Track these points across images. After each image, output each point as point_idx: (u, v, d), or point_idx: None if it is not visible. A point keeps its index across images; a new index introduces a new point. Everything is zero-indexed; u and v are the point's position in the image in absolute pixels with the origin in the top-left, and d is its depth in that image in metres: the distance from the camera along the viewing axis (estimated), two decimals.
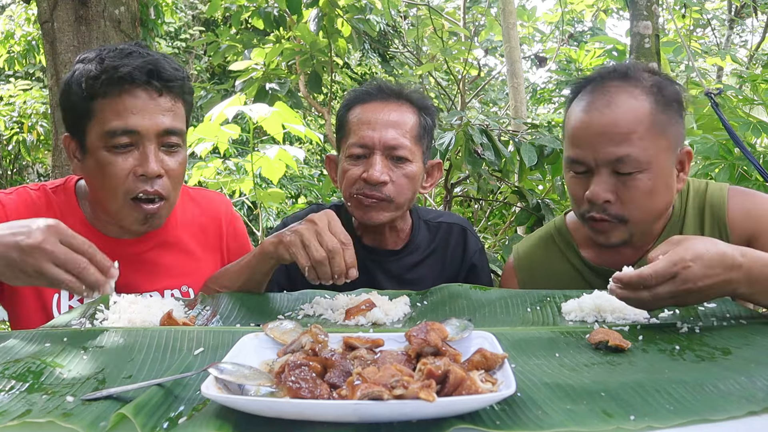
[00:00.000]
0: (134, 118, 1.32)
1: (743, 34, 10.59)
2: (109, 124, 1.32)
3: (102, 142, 1.33)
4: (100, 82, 1.31)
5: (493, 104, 11.47)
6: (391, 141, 1.47)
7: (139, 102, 1.32)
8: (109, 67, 1.31)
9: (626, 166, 1.28)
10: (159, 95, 1.35)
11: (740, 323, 1.07)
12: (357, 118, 1.53)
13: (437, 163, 1.66)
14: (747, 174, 2.59)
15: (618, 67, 1.39)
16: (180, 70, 1.40)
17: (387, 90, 1.57)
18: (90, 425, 0.70)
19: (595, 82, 1.37)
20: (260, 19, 4.27)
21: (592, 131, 1.30)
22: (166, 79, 1.34)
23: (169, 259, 1.53)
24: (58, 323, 1.15)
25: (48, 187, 1.49)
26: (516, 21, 5.11)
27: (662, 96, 1.32)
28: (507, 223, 3.75)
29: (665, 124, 1.31)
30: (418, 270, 1.62)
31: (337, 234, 1.22)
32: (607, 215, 1.32)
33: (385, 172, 1.47)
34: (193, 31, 11.00)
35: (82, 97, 1.33)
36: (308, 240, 1.20)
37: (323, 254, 1.19)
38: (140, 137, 1.33)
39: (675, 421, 0.69)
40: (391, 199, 1.49)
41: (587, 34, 9.97)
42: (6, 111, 6.61)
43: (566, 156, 1.38)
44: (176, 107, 1.38)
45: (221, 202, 1.70)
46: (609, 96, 1.31)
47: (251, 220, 5.32)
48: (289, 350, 0.86)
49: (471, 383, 0.71)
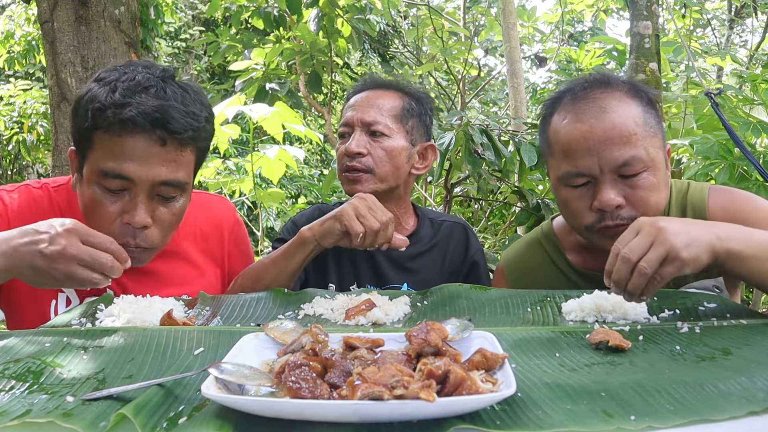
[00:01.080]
0: (130, 165, 1.23)
1: (743, 34, 10.60)
2: (104, 163, 1.24)
3: (95, 177, 1.26)
4: (102, 117, 1.22)
5: (493, 104, 11.47)
6: (367, 118, 1.62)
7: (138, 149, 1.23)
8: (116, 102, 1.21)
9: (632, 168, 1.29)
10: (161, 145, 1.24)
11: (740, 323, 1.06)
12: (347, 105, 1.70)
13: (429, 145, 1.73)
14: (747, 174, 2.59)
15: (594, 76, 1.40)
16: (196, 115, 1.27)
17: (378, 81, 1.73)
18: (90, 425, 0.70)
19: (573, 93, 1.37)
20: (260, 19, 4.28)
21: (594, 139, 1.29)
22: (173, 131, 1.24)
23: (171, 268, 1.50)
24: (58, 323, 1.15)
25: (50, 186, 1.46)
26: (516, 21, 5.11)
27: (643, 97, 1.35)
28: (507, 223, 3.75)
29: (654, 122, 1.34)
30: (420, 260, 1.67)
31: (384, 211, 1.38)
32: (622, 219, 1.30)
33: (362, 145, 1.60)
34: (193, 31, 11.01)
35: (85, 123, 1.25)
36: (363, 211, 1.35)
37: (378, 225, 1.34)
38: (133, 184, 1.25)
39: (675, 421, 0.69)
40: (371, 169, 1.60)
41: (587, 34, 9.97)
42: (6, 111, 6.61)
43: (562, 172, 1.35)
44: (181, 157, 1.28)
45: (224, 208, 1.66)
46: (599, 102, 1.31)
47: (251, 220, 5.32)
48: (290, 350, 0.86)
49: (471, 383, 0.71)
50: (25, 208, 1.40)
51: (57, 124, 3.46)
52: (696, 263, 1.01)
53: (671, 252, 1.00)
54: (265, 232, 3.85)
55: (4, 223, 1.36)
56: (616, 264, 1.04)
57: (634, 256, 1.01)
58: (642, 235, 1.03)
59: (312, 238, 1.39)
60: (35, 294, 1.39)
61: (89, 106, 1.24)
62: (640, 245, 1.02)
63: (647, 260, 1.00)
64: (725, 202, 1.41)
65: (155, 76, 1.27)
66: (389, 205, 1.62)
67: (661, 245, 1.00)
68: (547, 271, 1.53)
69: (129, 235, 1.28)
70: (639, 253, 1.01)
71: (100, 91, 1.24)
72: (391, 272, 1.60)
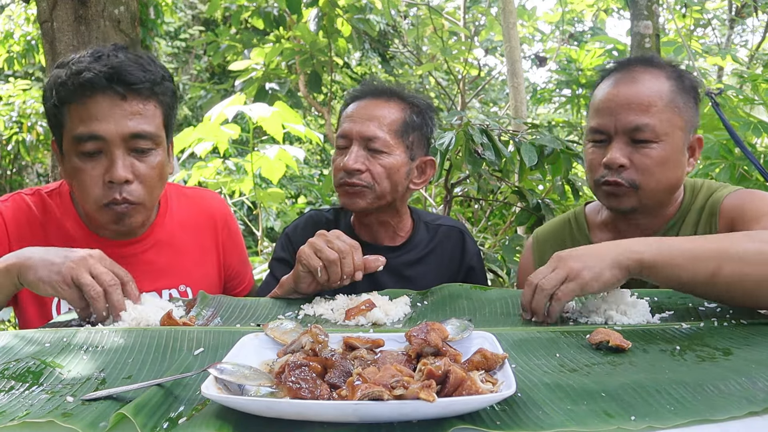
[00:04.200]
0: (98, 124, 1.31)
1: (743, 34, 10.59)
2: (75, 130, 1.32)
3: (72, 147, 1.34)
4: (65, 89, 1.31)
5: (493, 104, 11.46)
6: (366, 132, 1.55)
7: (102, 107, 1.31)
8: (74, 72, 1.31)
9: (643, 134, 1.38)
10: (123, 99, 1.32)
11: (740, 323, 1.07)
12: (345, 114, 1.63)
13: (429, 160, 1.68)
14: (747, 174, 2.59)
15: (644, 55, 1.54)
16: (152, 71, 1.37)
17: (380, 88, 1.65)
18: (90, 425, 0.70)
19: (621, 66, 1.50)
20: (260, 19, 4.28)
21: (616, 102, 1.41)
22: (130, 83, 1.32)
23: (166, 259, 1.53)
24: (58, 323, 1.15)
25: (43, 191, 1.50)
26: (516, 21, 5.11)
27: (681, 82, 1.44)
28: (507, 223, 3.75)
29: (682, 105, 1.42)
30: (417, 267, 1.65)
31: (345, 240, 1.30)
32: (621, 179, 1.40)
33: (360, 161, 1.55)
34: (193, 31, 11.00)
35: (53, 103, 1.34)
36: (320, 245, 1.27)
37: (335, 255, 1.26)
38: (106, 143, 1.32)
39: (675, 422, 0.69)
40: (370, 186, 1.56)
41: (587, 33, 9.95)
42: (5, 111, 6.60)
43: (588, 127, 1.50)
44: (145, 109, 1.35)
45: (216, 200, 1.72)
46: (634, 74, 1.44)
47: (251, 220, 5.31)
48: (290, 350, 0.86)
49: (471, 383, 0.71)
50: (20, 217, 1.44)
51: None
52: (600, 279, 1.08)
53: (570, 273, 1.09)
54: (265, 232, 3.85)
55: (3, 232, 1.42)
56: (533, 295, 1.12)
57: (535, 279, 1.12)
58: (548, 264, 1.14)
59: (291, 289, 1.35)
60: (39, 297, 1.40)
61: (53, 86, 1.34)
62: (543, 271, 1.13)
63: (547, 279, 1.10)
64: (738, 197, 1.43)
65: (112, 48, 1.37)
66: (385, 216, 1.62)
67: (561, 269, 1.10)
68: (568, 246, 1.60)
69: (115, 192, 1.34)
70: (540, 277, 1.11)
71: (59, 71, 1.35)
72: (389, 282, 1.56)
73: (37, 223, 1.45)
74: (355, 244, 1.30)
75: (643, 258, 1.09)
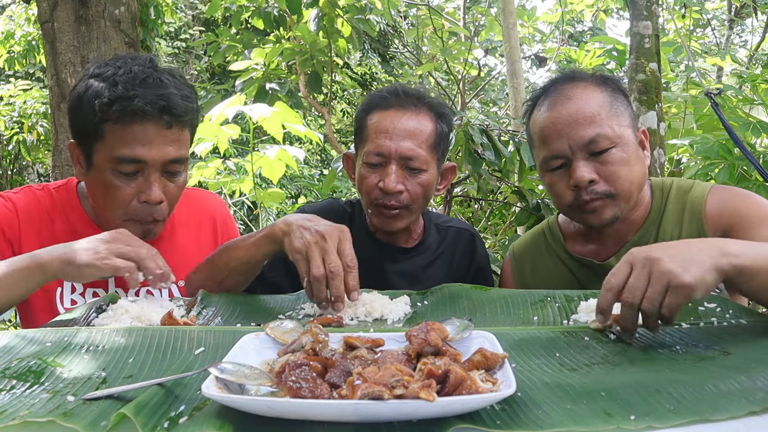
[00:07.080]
0: (142, 149, 1.35)
1: (743, 34, 10.60)
2: (118, 150, 1.35)
3: (109, 164, 1.37)
4: (110, 110, 1.33)
5: (493, 104, 11.47)
6: (407, 152, 1.50)
7: (148, 134, 1.35)
8: (122, 96, 1.32)
9: (599, 144, 1.39)
10: (167, 128, 1.37)
11: (740, 323, 1.07)
12: (375, 125, 1.54)
13: (451, 167, 1.69)
14: (747, 174, 2.59)
15: (563, 73, 1.53)
16: (191, 99, 1.42)
17: (405, 96, 1.56)
18: (90, 425, 0.70)
19: (545, 90, 1.51)
20: (260, 19, 4.28)
21: (561, 123, 1.42)
22: (177, 115, 1.37)
23: (167, 256, 1.53)
24: (60, 322, 1.15)
25: (51, 187, 1.55)
26: (516, 21, 5.11)
27: (609, 86, 1.46)
28: (507, 223, 3.75)
29: (620, 106, 1.44)
30: (428, 270, 1.65)
31: (344, 255, 1.19)
32: (595, 194, 1.40)
33: (400, 182, 1.51)
34: (193, 31, 11.00)
35: (92, 118, 1.35)
36: (312, 254, 1.18)
37: (322, 272, 1.16)
38: (146, 166, 1.37)
39: (675, 421, 0.69)
40: (408, 206, 1.53)
41: (587, 34, 9.97)
42: (6, 111, 6.60)
43: (541, 158, 1.48)
44: (183, 136, 1.42)
45: (215, 201, 1.77)
46: (565, 92, 1.45)
47: (251, 220, 5.31)
48: (290, 350, 0.87)
49: (471, 383, 0.71)
50: (32, 208, 1.49)
51: (57, 124, 3.46)
52: (704, 285, 0.93)
53: (672, 280, 0.92)
54: None
55: (15, 221, 1.45)
56: (622, 310, 0.97)
57: (636, 299, 0.95)
58: (637, 270, 0.96)
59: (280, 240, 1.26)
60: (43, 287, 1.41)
61: (95, 102, 1.34)
62: (639, 284, 0.95)
63: (649, 299, 0.94)
64: (721, 200, 1.42)
65: (147, 67, 1.39)
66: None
67: (659, 277, 0.93)
68: (546, 259, 1.64)
69: (146, 212, 1.41)
70: (640, 294, 0.95)
71: (101, 87, 1.35)
72: (401, 284, 1.56)
73: (45, 215, 1.49)
74: (353, 262, 1.19)
75: (743, 263, 0.96)
